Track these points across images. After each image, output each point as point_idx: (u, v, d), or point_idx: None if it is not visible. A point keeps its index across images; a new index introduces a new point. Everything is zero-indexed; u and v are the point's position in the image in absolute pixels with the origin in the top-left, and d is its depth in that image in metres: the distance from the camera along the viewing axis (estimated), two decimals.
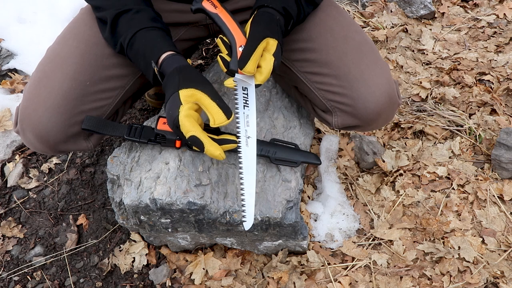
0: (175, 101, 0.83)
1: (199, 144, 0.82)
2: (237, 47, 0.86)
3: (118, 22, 0.92)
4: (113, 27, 0.93)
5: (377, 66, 1.01)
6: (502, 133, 1.39)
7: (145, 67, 0.91)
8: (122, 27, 0.92)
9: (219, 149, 0.84)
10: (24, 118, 0.94)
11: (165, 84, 0.88)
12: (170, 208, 0.99)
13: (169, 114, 0.84)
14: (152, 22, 0.92)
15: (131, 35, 0.90)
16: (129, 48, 0.92)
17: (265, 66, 0.85)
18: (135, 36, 0.90)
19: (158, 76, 0.89)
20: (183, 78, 0.85)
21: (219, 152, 0.83)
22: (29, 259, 1.28)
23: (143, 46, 0.90)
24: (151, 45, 0.90)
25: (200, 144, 0.82)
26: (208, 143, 0.83)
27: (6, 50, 1.79)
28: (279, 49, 0.86)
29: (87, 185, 1.44)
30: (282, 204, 1.02)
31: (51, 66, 0.97)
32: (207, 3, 0.91)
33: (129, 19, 0.92)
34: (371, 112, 0.99)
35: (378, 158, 1.42)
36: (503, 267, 1.18)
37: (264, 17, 0.89)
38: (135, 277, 1.24)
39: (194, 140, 0.82)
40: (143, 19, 0.92)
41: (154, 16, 0.94)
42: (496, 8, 2.02)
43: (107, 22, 0.93)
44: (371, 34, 1.91)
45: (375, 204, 1.35)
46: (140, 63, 0.92)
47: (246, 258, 1.24)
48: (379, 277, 1.18)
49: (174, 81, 0.85)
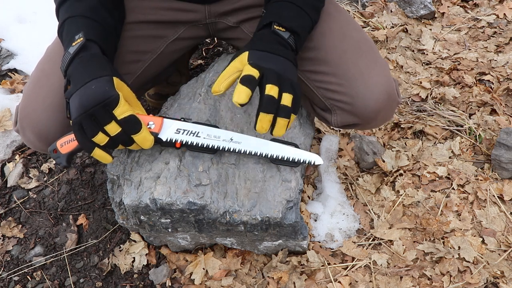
0: (108, 83, 0.80)
1: (136, 124, 0.81)
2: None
3: (60, 10, 0.92)
4: (57, 14, 0.93)
5: (377, 64, 1.01)
6: (502, 133, 1.39)
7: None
8: (61, 14, 0.91)
9: (151, 136, 0.85)
10: (23, 117, 0.94)
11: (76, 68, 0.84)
12: (170, 208, 0.99)
13: (95, 91, 0.78)
14: (88, 11, 0.90)
15: (61, 22, 0.90)
16: (59, 35, 0.91)
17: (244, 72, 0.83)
18: (64, 23, 0.89)
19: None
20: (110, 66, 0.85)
21: (151, 139, 0.84)
22: (29, 259, 1.28)
23: (65, 34, 0.89)
24: (69, 31, 0.88)
25: (137, 125, 0.81)
26: (145, 127, 0.83)
27: (6, 50, 1.79)
28: (253, 55, 0.84)
29: (87, 185, 1.44)
30: (282, 204, 1.02)
31: (51, 65, 0.97)
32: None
33: (68, 7, 0.90)
34: (371, 110, 0.98)
35: (378, 158, 1.42)
36: (503, 267, 1.18)
37: (256, 37, 0.90)
38: (135, 277, 1.24)
39: (132, 120, 0.80)
40: (80, 7, 0.90)
41: (92, 6, 0.91)
42: (496, 8, 2.02)
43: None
44: (371, 34, 1.91)
45: (375, 204, 1.35)
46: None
47: (246, 258, 1.24)
48: (379, 277, 1.18)
49: (103, 66, 0.83)
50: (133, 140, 0.84)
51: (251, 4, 1.08)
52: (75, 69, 0.83)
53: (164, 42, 1.09)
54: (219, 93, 0.84)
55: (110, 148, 0.85)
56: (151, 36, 1.07)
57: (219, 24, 1.13)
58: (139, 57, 1.06)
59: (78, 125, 0.79)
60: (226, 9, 1.09)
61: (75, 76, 0.82)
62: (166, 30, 1.08)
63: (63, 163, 0.89)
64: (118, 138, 0.81)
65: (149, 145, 0.85)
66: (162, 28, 1.08)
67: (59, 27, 0.90)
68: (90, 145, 0.81)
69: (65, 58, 0.85)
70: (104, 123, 0.79)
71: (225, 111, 1.11)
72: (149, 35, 1.06)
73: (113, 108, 0.78)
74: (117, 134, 0.80)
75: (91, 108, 0.78)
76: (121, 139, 0.82)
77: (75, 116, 0.79)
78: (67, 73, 0.84)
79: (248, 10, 1.09)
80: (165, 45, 1.09)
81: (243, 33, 1.11)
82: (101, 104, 0.78)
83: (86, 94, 0.79)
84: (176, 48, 1.12)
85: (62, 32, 0.90)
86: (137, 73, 1.07)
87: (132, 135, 0.82)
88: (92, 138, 0.80)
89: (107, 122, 0.79)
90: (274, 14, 0.91)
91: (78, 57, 0.84)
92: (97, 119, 0.79)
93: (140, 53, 1.07)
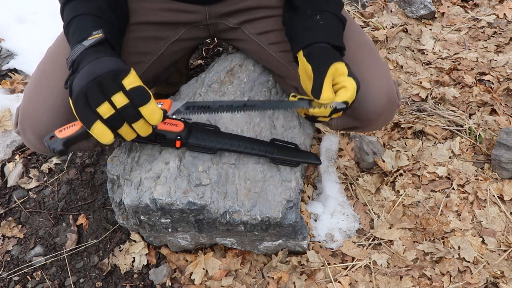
0: (121, 61, 0.77)
1: (145, 95, 0.74)
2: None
3: (64, 10, 0.91)
4: (62, 13, 0.91)
5: (377, 67, 1.01)
6: (502, 133, 1.39)
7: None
8: (66, 14, 0.90)
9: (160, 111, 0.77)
10: (24, 119, 0.94)
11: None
12: (170, 208, 0.99)
13: (106, 62, 0.75)
14: (97, 10, 0.89)
15: (69, 20, 0.88)
16: (65, 34, 0.89)
17: (348, 84, 0.85)
18: (72, 21, 0.87)
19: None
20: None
21: (160, 113, 0.77)
22: (29, 259, 1.28)
23: (73, 29, 0.86)
24: (82, 27, 0.85)
25: (146, 95, 0.74)
26: (154, 100, 0.75)
27: (6, 50, 1.79)
28: (351, 70, 0.87)
29: (87, 185, 1.44)
30: (282, 204, 1.02)
31: (52, 65, 0.97)
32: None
33: (75, 6, 0.89)
34: (371, 114, 0.99)
35: (378, 158, 1.42)
36: (503, 267, 1.18)
37: (319, 50, 0.89)
38: (135, 277, 1.24)
39: (141, 90, 0.74)
40: (89, 6, 0.89)
41: (100, 6, 0.90)
42: (496, 8, 2.02)
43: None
44: (371, 34, 1.91)
45: (375, 204, 1.35)
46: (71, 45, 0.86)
47: (246, 258, 1.24)
48: (379, 277, 1.18)
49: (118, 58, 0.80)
50: (139, 115, 0.75)
51: (251, 6, 1.08)
52: (87, 54, 0.78)
53: (165, 43, 1.09)
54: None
55: (112, 127, 0.75)
56: (152, 37, 1.07)
57: (220, 25, 1.13)
58: (140, 58, 1.07)
59: (83, 94, 0.72)
60: (227, 10, 1.09)
61: (87, 58, 0.77)
62: (167, 31, 1.08)
63: (58, 147, 0.78)
64: (124, 111, 0.74)
65: (157, 119, 0.77)
66: (163, 30, 1.08)
67: (65, 25, 0.89)
68: (91, 117, 0.73)
69: (77, 50, 0.80)
70: (112, 92, 0.72)
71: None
72: (150, 37, 1.06)
73: (122, 77, 0.73)
74: (123, 105, 0.73)
75: (99, 76, 0.72)
76: (127, 112, 0.74)
77: (81, 85, 0.72)
78: (75, 62, 0.79)
79: (249, 12, 1.09)
80: (166, 46, 1.09)
81: (244, 34, 1.11)
82: (111, 72, 0.73)
83: (96, 65, 0.74)
84: (176, 49, 1.12)
85: (69, 30, 0.88)
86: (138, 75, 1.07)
87: (140, 107, 0.74)
88: (96, 108, 0.72)
89: (115, 91, 0.72)
90: (325, 35, 0.92)
91: (94, 48, 0.80)
92: (104, 88, 0.72)
93: (141, 55, 1.07)
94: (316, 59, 0.88)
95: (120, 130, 0.76)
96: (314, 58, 0.88)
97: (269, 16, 1.08)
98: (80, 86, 0.73)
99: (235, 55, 1.24)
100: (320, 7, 0.94)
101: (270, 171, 1.05)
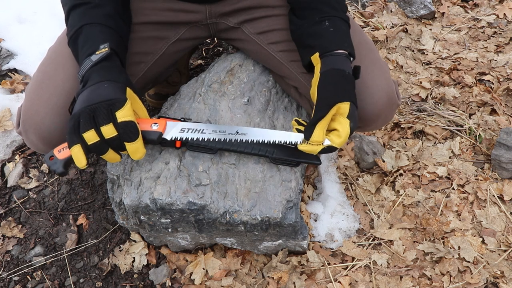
0: (120, 89, 0.81)
1: (134, 132, 0.79)
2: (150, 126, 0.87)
3: (70, 14, 0.92)
4: (67, 18, 0.93)
5: (376, 67, 1.01)
6: (502, 133, 1.39)
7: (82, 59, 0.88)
8: (73, 19, 0.91)
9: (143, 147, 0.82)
10: (26, 119, 0.94)
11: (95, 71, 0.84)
12: (170, 208, 0.99)
13: (105, 90, 0.79)
14: (107, 19, 0.90)
15: (77, 28, 0.89)
16: (71, 41, 0.90)
17: (342, 129, 0.84)
18: (80, 29, 0.89)
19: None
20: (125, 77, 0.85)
21: (143, 152, 0.82)
22: (29, 259, 1.28)
23: (83, 40, 0.88)
24: (91, 39, 0.88)
25: (135, 133, 0.79)
26: (141, 139, 0.81)
27: (6, 50, 1.79)
28: (353, 110, 0.85)
29: (87, 185, 1.44)
30: (282, 204, 1.02)
31: (53, 66, 0.97)
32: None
33: (81, 13, 0.90)
34: (370, 113, 0.99)
35: (378, 158, 1.42)
36: (503, 267, 1.18)
37: (332, 77, 0.88)
38: (135, 277, 1.24)
39: (131, 126, 0.78)
40: (98, 15, 0.90)
41: (109, 13, 0.92)
42: (496, 8, 2.02)
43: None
44: (371, 34, 1.91)
45: (375, 204, 1.35)
46: (77, 55, 0.89)
47: (246, 258, 1.24)
48: (379, 277, 1.18)
49: (121, 75, 0.84)
50: (124, 147, 0.80)
51: (252, 5, 1.08)
52: (93, 72, 0.83)
53: (165, 43, 1.09)
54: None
55: (94, 152, 0.80)
56: (153, 37, 1.07)
57: (220, 25, 1.13)
58: (141, 58, 1.07)
59: (76, 117, 0.77)
60: (227, 9, 1.09)
61: (92, 77, 0.82)
62: (167, 31, 1.08)
63: (59, 169, 0.82)
64: (111, 142, 0.78)
65: (139, 157, 0.82)
66: (164, 29, 1.08)
67: (73, 32, 0.90)
68: (74, 139, 0.77)
69: (86, 65, 0.85)
70: (103, 123, 0.77)
71: (225, 111, 1.11)
72: (151, 37, 1.06)
73: (116, 109, 0.77)
74: (111, 137, 0.78)
75: (95, 103, 0.77)
76: (113, 143, 0.79)
77: (77, 108, 0.78)
78: (84, 78, 0.84)
79: (249, 11, 1.09)
80: (166, 46, 1.09)
81: (244, 34, 1.11)
82: (106, 102, 0.77)
83: (96, 91, 0.79)
84: (177, 49, 1.12)
85: (77, 38, 0.89)
86: (139, 75, 1.07)
87: (127, 142, 0.79)
88: (82, 133, 0.76)
89: (105, 123, 0.77)
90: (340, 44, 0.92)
91: (100, 64, 0.84)
92: (96, 117, 0.77)
93: (142, 55, 1.07)
94: (327, 89, 0.87)
95: (105, 156, 0.81)
96: (326, 87, 0.87)
97: (269, 16, 1.08)
98: (76, 109, 0.79)
99: (235, 55, 1.24)
100: (327, 13, 0.94)
101: (270, 171, 1.05)
